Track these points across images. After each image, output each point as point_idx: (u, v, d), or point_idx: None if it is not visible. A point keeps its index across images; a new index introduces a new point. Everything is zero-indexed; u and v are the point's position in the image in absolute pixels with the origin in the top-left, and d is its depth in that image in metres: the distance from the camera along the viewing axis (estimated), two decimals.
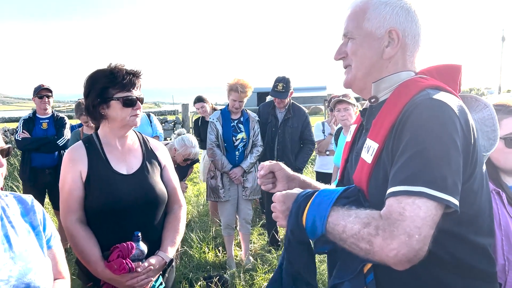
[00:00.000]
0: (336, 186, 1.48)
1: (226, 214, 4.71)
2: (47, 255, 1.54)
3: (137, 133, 2.33)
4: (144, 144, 2.29)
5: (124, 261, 1.90)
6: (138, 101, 2.09)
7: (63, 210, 2.08)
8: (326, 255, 1.47)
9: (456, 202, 1.10)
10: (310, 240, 1.30)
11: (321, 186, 1.71)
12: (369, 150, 1.29)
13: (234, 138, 4.61)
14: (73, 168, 2.08)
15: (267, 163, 1.70)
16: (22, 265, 1.39)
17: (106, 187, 2.06)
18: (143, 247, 1.99)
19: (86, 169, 2.08)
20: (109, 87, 2.04)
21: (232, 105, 4.56)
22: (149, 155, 2.26)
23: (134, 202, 2.07)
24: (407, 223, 1.05)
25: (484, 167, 1.31)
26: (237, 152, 4.63)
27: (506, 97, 1.91)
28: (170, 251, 2.14)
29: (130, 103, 2.06)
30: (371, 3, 1.36)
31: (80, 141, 2.19)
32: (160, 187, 2.19)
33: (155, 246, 2.12)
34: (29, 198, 1.58)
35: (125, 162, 2.16)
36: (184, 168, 4.63)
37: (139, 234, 1.98)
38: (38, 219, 1.55)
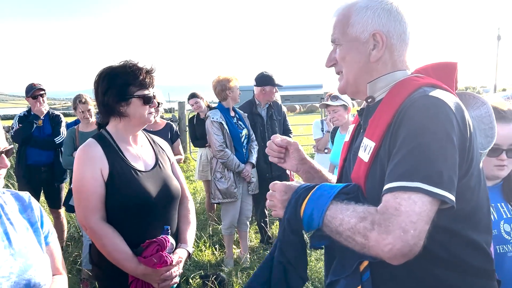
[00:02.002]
0: None
1: (233, 213, 4.63)
2: (45, 252, 1.54)
3: (142, 131, 2.32)
4: (153, 142, 2.33)
5: (163, 254, 1.94)
6: (154, 99, 2.15)
7: (84, 210, 2.00)
8: (323, 253, 1.48)
9: (452, 197, 1.10)
10: (305, 234, 1.31)
11: (330, 176, 1.73)
12: (366, 149, 1.30)
13: (240, 135, 4.59)
14: (92, 166, 2.01)
15: (284, 137, 1.72)
16: (22, 261, 1.40)
17: (130, 184, 2.04)
18: (172, 240, 2.04)
19: (107, 166, 2.03)
20: (130, 84, 2.05)
21: (238, 94, 4.57)
22: (159, 151, 2.30)
23: (157, 197, 2.09)
24: (402, 218, 1.06)
25: (481, 164, 1.31)
26: (243, 150, 4.62)
27: (497, 99, 1.88)
28: (190, 243, 2.20)
29: (149, 100, 2.10)
30: (353, 9, 1.38)
31: (92, 139, 2.12)
32: (175, 182, 2.24)
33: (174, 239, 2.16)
34: (26, 195, 1.58)
35: (141, 159, 2.17)
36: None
37: (169, 228, 2.03)
38: (36, 216, 1.55)
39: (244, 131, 4.64)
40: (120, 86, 2.04)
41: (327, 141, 5.16)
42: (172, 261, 1.97)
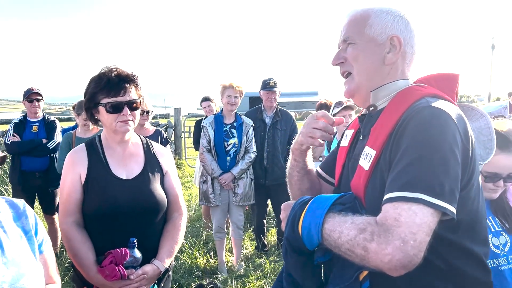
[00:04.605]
0: (333, 192, 1.47)
1: (217, 218, 4.73)
2: (39, 260, 1.52)
3: (142, 137, 2.30)
4: (147, 149, 2.25)
5: (116, 267, 1.88)
6: (126, 106, 2.02)
7: (61, 212, 2.07)
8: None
9: (453, 209, 1.10)
10: (309, 250, 1.28)
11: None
12: (367, 157, 1.29)
13: (225, 143, 4.60)
14: (73, 170, 2.08)
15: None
16: (14, 270, 1.37)
17: (103, 191, 2.04)
18: (138, 254, 1.97)
19: (85, 172, 2.07)
20: (97, 92, 2.02)
21: (228, 101, 4.55)
22: (151, 160, 2.22)
23: (131, 207, 2.04)
24: (402, 229, 1.05)
25: (480, 176, 1.32)
26: (228, 158, 4.62)
27: (498, 120, 1.83)
28: (166, 261, 2.11)
29: (114, 109, 2.01)
30: (373, 11, 1.38)
31: (83, 144, 2.19)
32: (159, 193, 2.15)
33: (151, 254, 2.09)
34: (20, 202, 1.57)
35: (125, 167, 2.14)
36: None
37: (135, 241, 1.95)
38: (30, 224, 1.53)
39: (233, 140, 4.64)
40: (90, 93, 2.05)
41: (323, 149, 5.16)
42: (125, 275, 1.90)
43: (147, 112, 4.17)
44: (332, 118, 1.51)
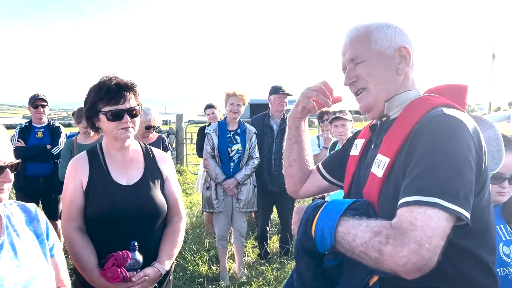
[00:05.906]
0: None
1: (220, 225, 4.72)
2: (50, 263, 1.55)
3: (141, 143, 2.34)
4: (147, 155, 2.30)
5: (118, 269, 1.92)
6: (126, 114, 2.07)
7: (64, 218, 2.11)
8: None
9: (468, 215, 1.11)
10: (320, 253, 1.30)
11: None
12: (380, 165, 1.31)
13: (229, 149, 4.64)
14: (75, 177, 2.13)
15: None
16: (27, 273, 1.40)
17: (104, 197, 2.09)
18: (139, 257, 2.01)
19: (87, 178, 2.12)
20: (97, 101, 2.07)
21: (231, 109, 4.60)
22: (151, 166, 2.26)
23: (132, 213, 2.08)
24: (417, 232, 1.06)
25: (490, 186, 1.34)
26: (232, 164, 4.65)
27: (502, 123, 1.87)
28: (167, 263, 2.15)
29: (115, 116, 2.06)
30: (373, 27, 1.42)
31: (85, 151, 2.24)
32: (159, 199, 2.20)
33: (152, 257, 2.13)
34: (32, 206, 1.60)
35: (126, 173, 2.18)
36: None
37: (136, 244, 2.00)
38: (42, 228, 1.57)
39: (236, 146, 4.68)
40: (90, 102, 2.10)
41: (324, 156, 5.18)
42: (127, 277, 1.93)
43: (153, 127, 4.29)
44: (331, 87, 1.64)
